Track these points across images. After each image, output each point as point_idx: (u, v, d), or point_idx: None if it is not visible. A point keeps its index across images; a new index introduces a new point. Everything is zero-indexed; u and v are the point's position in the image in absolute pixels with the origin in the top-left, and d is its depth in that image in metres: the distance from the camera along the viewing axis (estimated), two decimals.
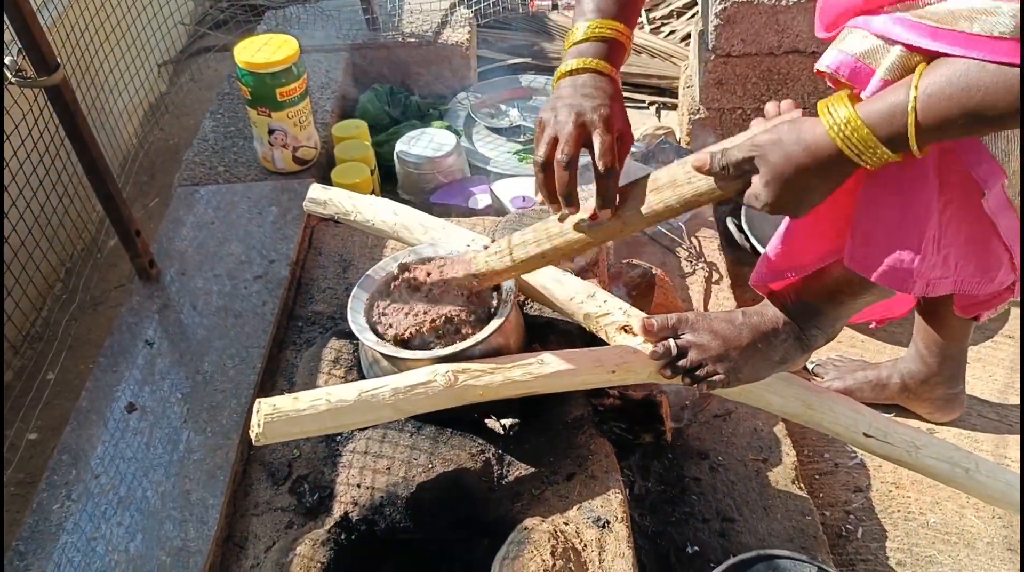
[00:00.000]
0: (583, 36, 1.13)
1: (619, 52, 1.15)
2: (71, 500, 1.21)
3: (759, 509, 1.49)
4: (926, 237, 1.02)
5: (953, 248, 1.05)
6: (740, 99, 2.16)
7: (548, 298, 1.35)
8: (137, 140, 2.58)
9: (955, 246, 1.05)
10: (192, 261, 1.58)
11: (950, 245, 1.05)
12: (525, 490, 1.21)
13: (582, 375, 1.22)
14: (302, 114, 1.74)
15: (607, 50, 1.13)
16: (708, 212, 2.13)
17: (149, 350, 1.43)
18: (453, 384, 1.16)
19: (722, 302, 1.90)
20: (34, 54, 1.26)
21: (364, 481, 1.21)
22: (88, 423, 1.32)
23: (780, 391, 1.31)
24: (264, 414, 1.10)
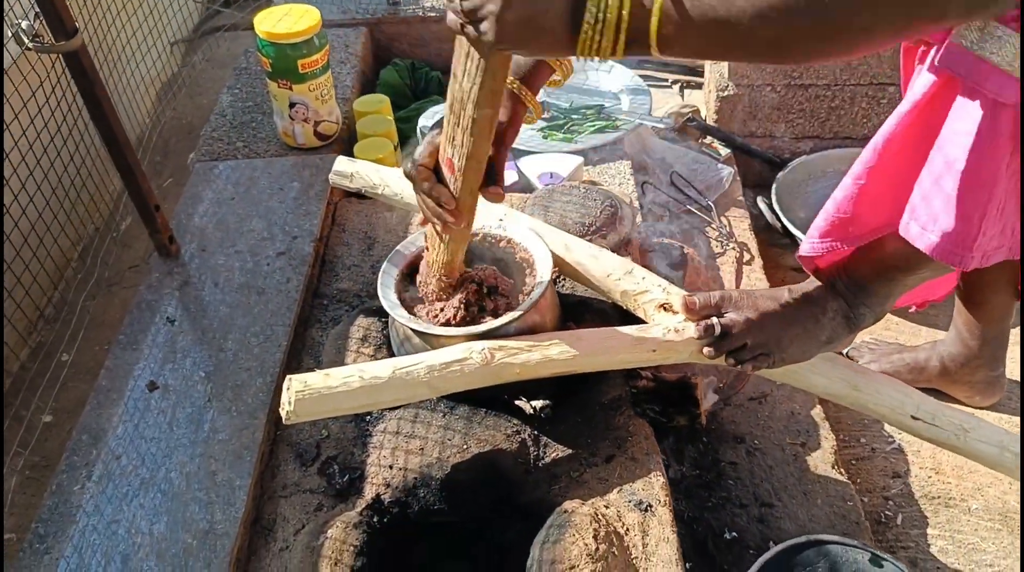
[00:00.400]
0: None
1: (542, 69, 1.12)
2: (92, 481, 1.17)
3: (798, 494, 1.45)
4: (991, 206, 0.97)
5: (1013, 216, 1.00)
6: (770, 76, 2.10)
7: (584, 275, 1.30)
8: (150, 119, 2.53)
9: (1014, 214, 1.00)
10: (212, 237, 1.54)
11: (1013, 213, 1.00)
12: (563, 472, 1.17)
13: (621, 353, 1.18)
14: (324, 87, 1.68)
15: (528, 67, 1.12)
16: (738, 192, 2.08)
17: (170, 328, 1.38)
18: (490, 362, 1.12)
19: (754, 283, 1.85)
20: (52, 18, 1.21)
21: (396, 462, 1.17)
22: (108, 402, 1.27)
23: (825, 372, 1.26)
24: (295, 391, 1.05)
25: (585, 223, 1.50)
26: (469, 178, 1.04)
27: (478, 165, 1.04)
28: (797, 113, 2.16)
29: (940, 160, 0.97)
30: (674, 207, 2.02)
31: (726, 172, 2.07)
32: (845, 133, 2.18)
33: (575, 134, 1.98)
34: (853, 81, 2.09)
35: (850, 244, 1.10)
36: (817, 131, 2.18)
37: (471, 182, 1.05)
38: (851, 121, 2.16)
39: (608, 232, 1.51)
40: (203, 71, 2.76)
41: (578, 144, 1.93)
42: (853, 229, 1.09)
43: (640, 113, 2.05)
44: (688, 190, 2.05)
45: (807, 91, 2.12)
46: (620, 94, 2.14)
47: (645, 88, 2.13)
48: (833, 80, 2.09)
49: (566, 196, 1.57)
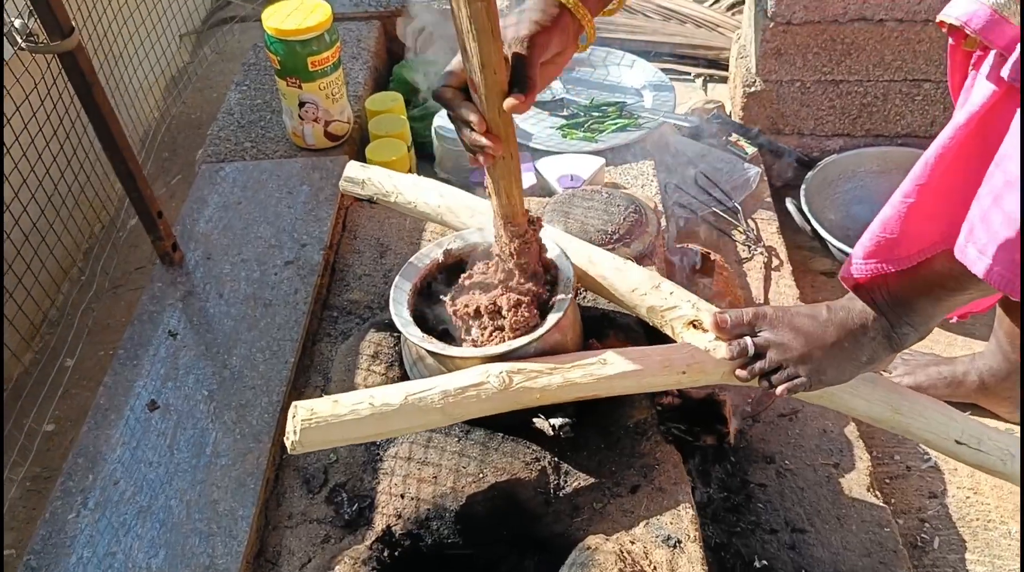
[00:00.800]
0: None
1: None
2: (87, 509, 1.11)
3: (832, 519, 1.37)
4: None
5: None
6: (800, 71, 2.01)
7: (608, 289, 1.23)
8: (158, 115, 2.47)
9: None
10: (218, 244, 1.47)
11: None
12: (585, 503, 1.10)
13: (648, 377, 1.10)
14: (335, 86, 1.61)
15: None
16: (765, 193, 1.99)
17: (172, 342, 1.32)
18: (508, 386, 1.05)
19: (783, 290, 1.77)
20: (47, 16, 1.14)
21: (408, 491, 1.10)
22: (106, 422, 1.21)
23: (865, 394, 1.19)
24: (301, 420, 0.99)
25: (608, 231, 1.43)
26: (490, 92, 0.91)
27: (493, 75, 0.90)
28: (827, 110, 2.07)
29: (1000, 177, 0.89)
30: (699, 209, 1.94)
31: (753, 172, 1.99)
32: (877, 131, 2.09)
33: (596, 133, 1.90)
34: (887, 77, 2.00)
35: (897, 266, 1.02)
36: (848, 129, 2.09)
37: (493, 97, 0.92)
38: (884, 118, 2.07)
39: (632, 240, 1.43)
40: (212, 64, 2.69)
41: (599, 143, 1.85)
42: (900, 250, 1.01)
43: (664, 110, 1.96)
44: (713, 191, 1.97)
45: (838, 87, 2.04)
46: (643, 90, 2.06)
47: (668, 84, 2.05)
48: (865, 76, 2.00)
49: (587, 201, 1.50)
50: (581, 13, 0.98)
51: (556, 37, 0.97)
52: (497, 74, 0.91)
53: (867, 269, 1.04)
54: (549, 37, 0.96)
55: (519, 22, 0.96)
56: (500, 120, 0.95)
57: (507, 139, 0.97)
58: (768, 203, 1.98)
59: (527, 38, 0.94)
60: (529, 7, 0.97)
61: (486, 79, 0.91)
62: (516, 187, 1.05)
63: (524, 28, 0.95)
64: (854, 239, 1.94)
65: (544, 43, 0.95)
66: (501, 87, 0.92)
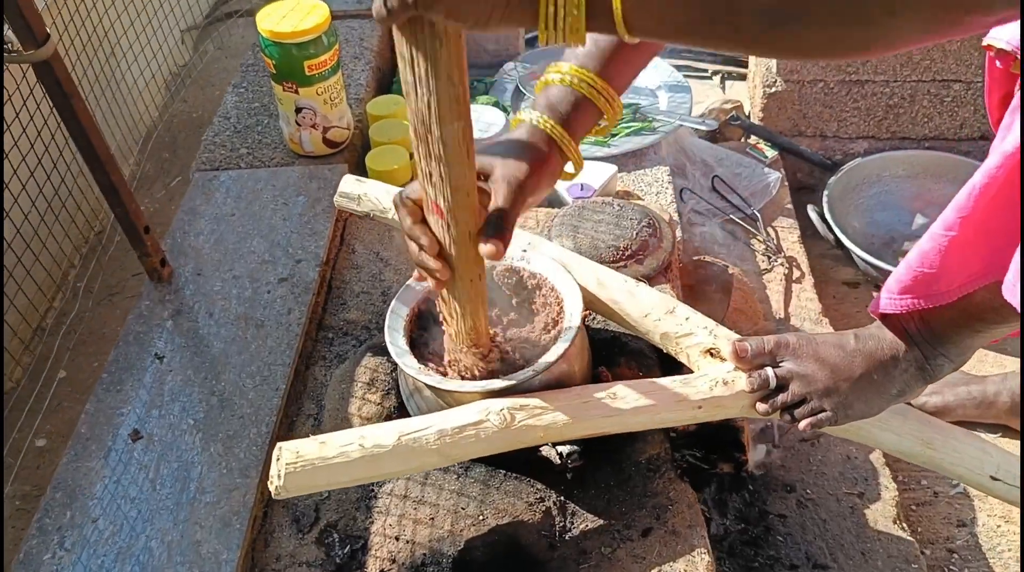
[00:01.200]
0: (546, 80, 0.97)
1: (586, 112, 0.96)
2: (64, 549, 1.04)
3: (856, 554, 1.30)
4: None
5: None
6: (823, 70, 1.92)
7: (619, 314, 1.15)
8: (158, 113, 2.40)
9: None
10: (209, 259, 1.40)
11: None
12: (593, 548, 1.02)
13: (661, 413, 1.03)
14: (333, 90, 1.53)
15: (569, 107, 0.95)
16: (786, 199, 1.91)
17: (158, 365, 1.25)
18: (509, 425, 0.97)
19: (804, 303, 1.69)
20: (19, 24, 1.07)
21: (403, 533, 1.03)
22: (87, 454, 1.14)
23: (895, 428, 1.11)
24: (286, 463, 0.91)
25: (619, 247, 1.35)
26: (460, 218, 0.85)
27: (466, 198, 0.84)
28: (851, 111, 1.98)
29: None
30: (716, 216, 1.86)
31: (773, 177, 1.90)
32: (904, 133, 2.00)
33: (609, 137, 1.81)
34: (915, 77, 1.91)
35: (935, 302, 0.94)
36: (873, 131, 2.00)
37: (464, 223, 0.85)
38: (910, 120, 1.98)
39: (645, 257, 1.35)
40: (215, 60, 2.62)
41: (612, 149, 1.76)
42: (940, 285, 0.92)
43: (679, 113, 1.88)
44: (731, 197, 1.88)
45: (863, 87, 1.94)
46: (657, 91, 1.97)
47: (685, 84, 1.95)
48: (892, 76, 1.91)
49: (598, 214, 1.42)
50: (571, 149, 0.94)
51: (545, 180, 0.93)
52: (471, 200, 0.85)
53: (902, 305, 0.96)
54: (539, 181, 0.92)
55: (507, 160, 0.90)
56: (466, 249, 0.88)
57: (467, 264, 0.90)
58: (789, 210, 1.89)
59: (519, 183, 0.89)
60: (518, 142, 0.93)
61: (459, 206, 0.84)
62: (483, 310, 0.98)
63: (517, 171, 0.90)
64: (878, 247, 1.88)
65: (534, 187, 0.91)
66: (473, 210, 0.86)
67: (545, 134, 0.93)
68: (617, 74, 0.97)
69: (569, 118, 0.94)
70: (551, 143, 0.94)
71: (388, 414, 1.16)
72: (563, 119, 0.94)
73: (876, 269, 1.76)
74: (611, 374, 1.15)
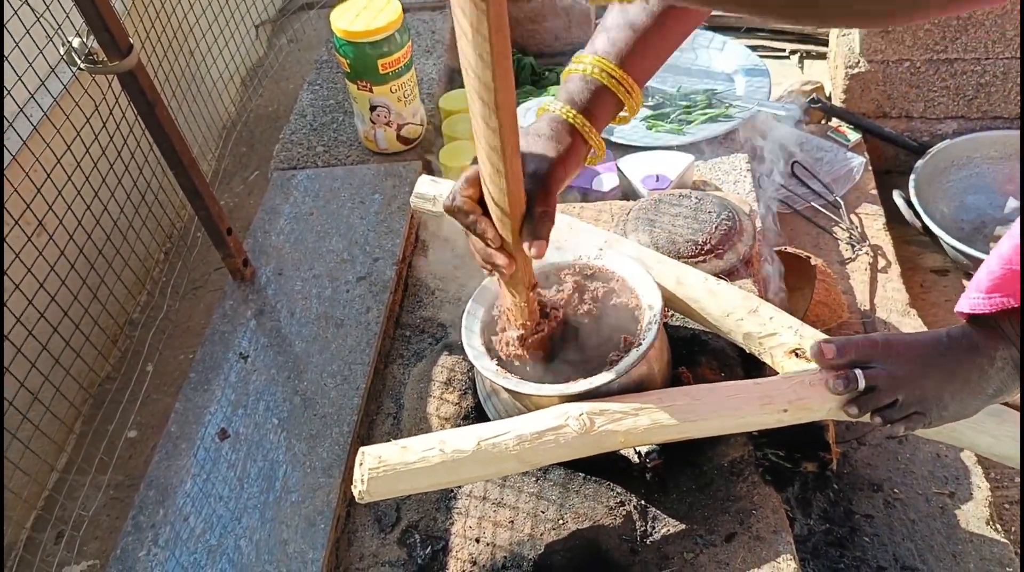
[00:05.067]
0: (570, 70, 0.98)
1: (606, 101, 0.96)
2: (158, 546, 1.08)
3: (947, 556, 1.25)
4: None
5: None
6: (909, 49, 1.85)
7: (699, 313, 1.13)
8: (235, 109, 2.45)
9: None
10: (289, 259, 1.42)
11: None
12: (675, 553, 1.01)
13: (746, 416, 1.00)
14: (407, 87, 1.54)
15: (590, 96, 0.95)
16: (870, 184, 1.84)
17: (243, 365, 1.28)
18: (589, 430, 0.96)
19: (890, 294, 1.63)
20: (103, 36, 1.09)
21: (483, 535, 1.04)
22: (177, 453, 1.18)
23: (990, 430, 1.06)
24: (369, 468, 0.92)
25: (698, 241, 1.32)
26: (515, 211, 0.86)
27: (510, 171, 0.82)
28: (939, 91, 1.90)
29: None
30: (797, 204, 1.81)
31: (857, 162, 1.84)
32: (995, 113, 1.91)
33: (684, 124, 1.78)
34: (1008, 54, 1.82)
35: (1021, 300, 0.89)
36: (963, 111, 1.92)
37: (509, 202, 0.85)
38: (1003, 99, 1.89)
39: (725, 251, 1.32)
40: (289, 54, 2.66)
41: (687, 137, 1.73)
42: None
43: (757, 97, 1.83)
44: (812, 183, 1.83)
45: (952, 66, 1.86)
46: (734, 75, 1.92)
47: (763, 68, 1.90)
48: (984, 53, 1.83)
49: (675, 207, 1.39)
50: (593, 137, 0.94)
51: (572, 168, 0.94)
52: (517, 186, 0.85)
53: (991, 304, 0.91)
54: (566, 170, 0.93)
55: (533, 152, 0.92)
56: (515, 239, 0.89)
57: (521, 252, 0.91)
58: (873, 196, 1.83)
59: (546, 174, 0.90)
60: (543, 133, 0.94)
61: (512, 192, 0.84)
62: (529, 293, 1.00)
63: (543, 163, 0.91)
64: (968, 233, 1.80)
65: (562, 177, 0.92)
66: (521, 208, 0.87)
67: (567, 123, 0.94)
68: (638, 64, 0.97)
69: (590, 107, 0.95)
70: (574, 132, 0.94)
71: (466, 414, 1.17)
72: (584, 108, 0.95)
73: (966, 256, 1.69)
74: (692, 375, 1.13)
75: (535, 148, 0.93)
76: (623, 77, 0.96)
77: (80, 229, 1.49)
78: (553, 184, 0.91)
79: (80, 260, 1.48)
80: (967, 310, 0.94)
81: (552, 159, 0.92)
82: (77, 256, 1.47)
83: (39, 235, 1.39)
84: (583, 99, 0.96)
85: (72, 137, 1.41)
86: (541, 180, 0.90)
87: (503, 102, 0.77)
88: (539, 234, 0.88)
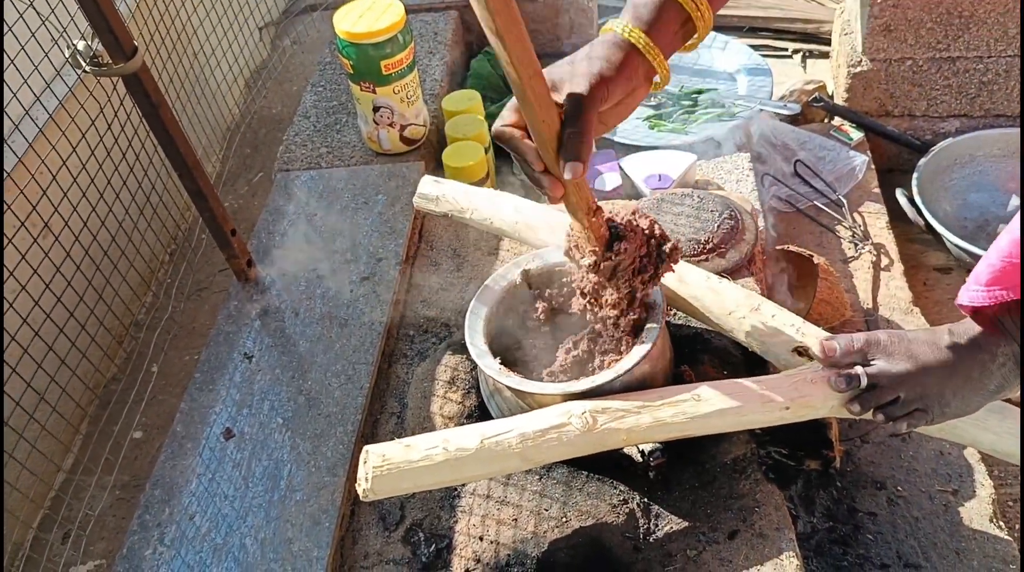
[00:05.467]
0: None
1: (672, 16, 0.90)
2: (164, 546, 1.09)
3: (950, 553, 1.26)
4: None
5: None
6: (912, 48, 1.85)
7: (701, 311, 1.13)
8: (240, 110, 2.46)
9: None
10: (293, 259, 1.43)
11: None
12: (678, 550, 1.01)
13: (748, 414, 1.01)
14: (410, 88, 1.54)
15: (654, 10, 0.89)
16: (873, 183, 1.85)
17: (247, 365, 1.28)
18: (592, 428, 0.97)
19: (894, 292, 1.64)
20: (108, 38, 1.10)
21: (487, 533, 1.04)
22: (182, 452, 1.19)
23: (992, 426, 1.07)
24: (373, 466, 0.93)
25: (700, 240, 1.33)
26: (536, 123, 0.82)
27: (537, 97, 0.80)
28: (942, 89, 1.90)
29: None
30: (799, 203, 1.81)
31: (859, 160, 1.84)
32: (998, 111, 1.91)
33: (686, 124, 1.78)
34: (1010, 52, 1.82)
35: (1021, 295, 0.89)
36: (965, 109, 1.92)
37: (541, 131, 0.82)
38: (1006, 97, 1.89)
39: (727, 250, 1.33)
40: (292, 56, 2.66)
41: (690, 136, 1.74)
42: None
43: (760, 97, 1.83)
44: (815, 182, 1.83)
45: (954, 64, 1.86)
46: (737, 74, 1.92)
47: (765, 67, 1.91)
48: (986, 51, 1.83)
49: (678, 206, 1.40)
50: (653, 54, 0.88)
51: (620, 86, 0.87)
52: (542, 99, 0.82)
53: (990, 297, 0.91)
54: (608, 88, 0.86)
55: (575, 72, 0.87)
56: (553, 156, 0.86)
57: None
58: (876, 194, 1.83)
59: (583, 94, 0.85)
60: (592, 52, 0.88)
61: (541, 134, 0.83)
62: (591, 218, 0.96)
63: (581, 82, 0.85)
64: (972, 231, 1.80)
65: (602, 96, 0.86)
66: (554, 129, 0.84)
67: (623, 39, 0.88)
68: None
69: (653, 23, 0.88)
70: (628, 48, 0.88)
71: (469, 413, 1.17)
72: (647, 24, 0.88)
73: (969, 254, 1.69)
74: (694, 373, 1.14)
75: (580, 69, 0.87)
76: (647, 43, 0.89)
77: (85, 231, 1.50)
78: (589, 103, 0.84)
79: (86, 262, 1.48)
80: (966, 302, 0.94)
81: (591, 78, 0.85)
82: (83, 258, 1.48)
83: (45, 237, 1.40)
84: (646, 14, 0.89)
85: (77, 139, 1.42)
86: (576, 101, 0.84)
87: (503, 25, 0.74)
88: (571, 155, 0.83)
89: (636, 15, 0.89)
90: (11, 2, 1.27)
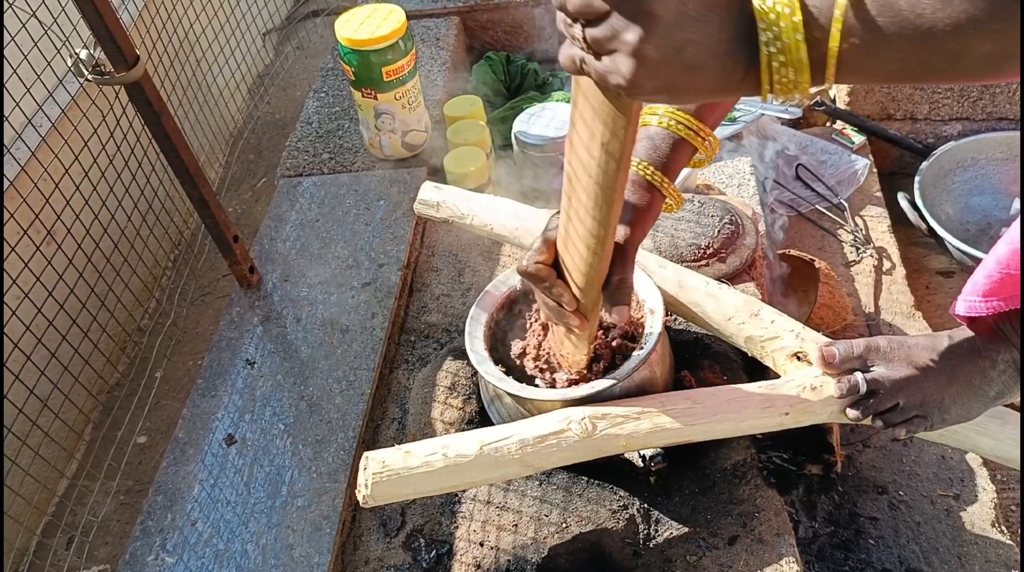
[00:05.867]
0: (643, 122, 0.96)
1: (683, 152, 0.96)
2: (166, 552, 1.09)
3: (952, 558, 1.25)
4: None
5: None
6: None
7: (701, 317, 1.13)
8: (243, 116, 2.47)
9: None
10: (295, 265, 1.43)
11: None
12: (678, 556, 1.01)
13: (748, 420, 1.01)
14: (411, 94, 1.55)
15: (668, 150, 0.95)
16: (875, 186, 1.84)
17: (250, 371, 1.29)
18: (591, 434, 0.97)
19: (895, 296, 1.63)
20: (110, 47, 1.11)
21: (488, 539, 1.04)
22: (185, 458, 1.19)
23: (993, 432, 1.07)
24: (372, 472, 0.93)
25: (700, 245, 1.33)
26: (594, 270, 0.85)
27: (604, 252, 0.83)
28: (944, 92, 1.90)
29: None
30: (801, 207, 1.81)
31: (861, 164, 1.84)
32: (1000, 113, 1.91)
33: None
34: None
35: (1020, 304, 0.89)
36: (967, 112, 1.92)
37: (596, 275, 0.86)
38: (1008, 100, 1.89)
39: (728, 255, 1.33)
40: (296, 61, 2.68)
41: None
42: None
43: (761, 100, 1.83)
44: (816, 186, 1.83)
45: None
46: None
47: None
48: None
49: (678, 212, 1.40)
50: (669, 192, 0.95)
51: (649, 224, 0.95)
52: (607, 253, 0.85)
53: (986, 308, 0.92)
54: (643, 229, 0.94)
55: None
56: (594, 296, 0.89)
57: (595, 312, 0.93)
58: (878, 198, 1.83)
59: (625, 240, 0.90)
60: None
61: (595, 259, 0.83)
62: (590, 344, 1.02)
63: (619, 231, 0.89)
64: (974, 234, 1.80)
65: (639, 238, 0.93)
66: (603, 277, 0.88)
67: (646, 181, 0.94)
68: (711, 110, 0.96)
69: (667, 160, 0.94)
70: (651, 188, 0.94)
71: (470, 419, 1.18)
72: (662, 163, 0.94)
73: (971, 258, 1.69)
74: (694, 379, 1.14)
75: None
76: (699, 127, 0.95)
77: (88, 238, 1.51)
78: (631, 250, 0.91)
79: (88, 268, 1.49)
80: (963, 313, 0.94)
81: (629, 224, 0.91)
82: (85, 264, 1.48)
83: (48, 244, 1.41)
84: (660, 154, 0.94)
85: (80, 147, 1.43)
86: (620, 247, 0.89)
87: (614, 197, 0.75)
88: (619, 300, 0.89)
89: (654, 153, 0.94)
90: (14, 11, 1.28)
